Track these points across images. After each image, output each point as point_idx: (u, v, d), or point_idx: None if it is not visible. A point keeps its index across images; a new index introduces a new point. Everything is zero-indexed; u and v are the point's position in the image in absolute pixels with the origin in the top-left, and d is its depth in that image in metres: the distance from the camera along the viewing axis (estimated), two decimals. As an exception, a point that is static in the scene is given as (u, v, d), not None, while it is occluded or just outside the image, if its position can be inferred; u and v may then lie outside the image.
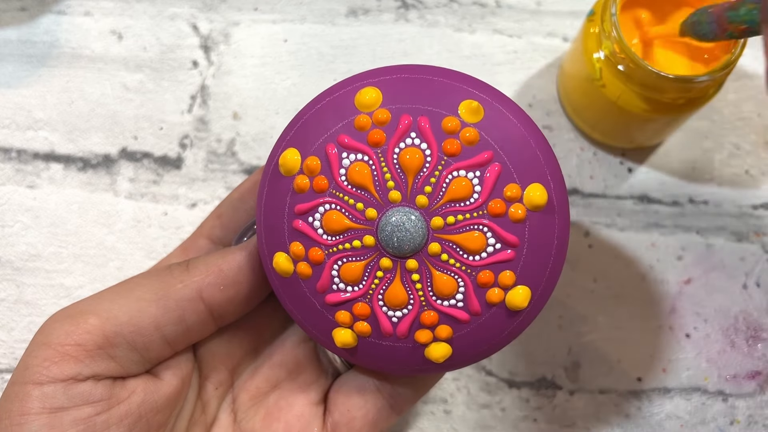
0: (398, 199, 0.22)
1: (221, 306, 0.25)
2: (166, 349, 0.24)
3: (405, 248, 0.22)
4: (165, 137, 0.36)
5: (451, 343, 0.23)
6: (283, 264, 0.23)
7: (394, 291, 0.23)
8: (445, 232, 0.22)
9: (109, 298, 0.24)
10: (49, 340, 0.23)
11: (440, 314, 0.23)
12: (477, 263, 0.22)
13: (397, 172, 0.22)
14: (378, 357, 0.24)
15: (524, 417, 0.34)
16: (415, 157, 0.22)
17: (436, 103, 0.23)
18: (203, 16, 0.37)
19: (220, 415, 0.27)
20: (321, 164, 0.23)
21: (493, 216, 0.22)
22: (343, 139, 0.22)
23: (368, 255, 0.22)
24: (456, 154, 0.22)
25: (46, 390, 0.22)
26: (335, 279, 0.23)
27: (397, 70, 0.24)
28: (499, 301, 0.23)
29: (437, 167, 0.22)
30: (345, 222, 0.22)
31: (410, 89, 0.23)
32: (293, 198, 0.23)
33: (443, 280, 0.22)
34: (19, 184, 0.35)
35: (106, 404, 0.23)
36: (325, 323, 0.24)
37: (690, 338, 0.34)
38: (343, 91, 0.23)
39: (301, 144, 0.23)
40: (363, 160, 0.22)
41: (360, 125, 0.22)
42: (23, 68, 0.37)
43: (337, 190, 0.22)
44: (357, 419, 0.26)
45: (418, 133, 0.22)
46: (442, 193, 0.22)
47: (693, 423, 0.34)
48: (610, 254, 0.35)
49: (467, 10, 0.38)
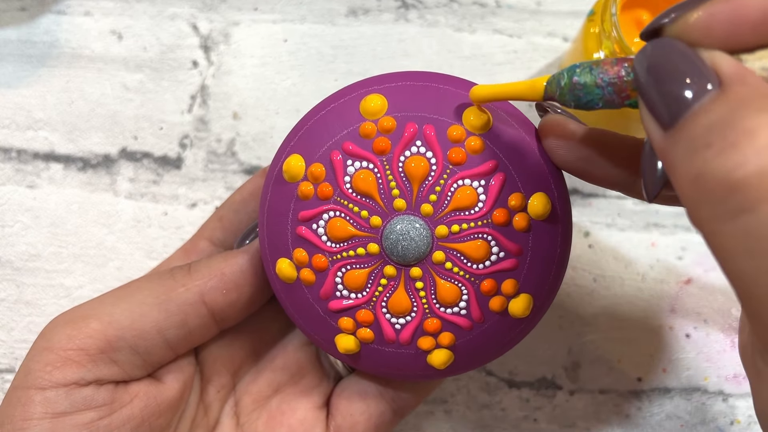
0: (403, 207, 0.22)
1: (223, 309, 0.25)
2: (168, 352, 0.24)
3: (409, 256, 0.22)
4: (165, 137, 0.36)
5: (453, 350, 0.23)
6: (286, 270, 0.23)
7: (398, 298, 0.23)
8: (450, 240, 0.22)
9: (111, 301, 0.24)
10: (51, 345, 0.22)
11: (443, 321, 0.23)
12: (480, 272, 0.22)
13: (402, 180, 0.22)
14: (380, 362, 0.24)
15: (524, 417, 0.34)
16: (420, 166, 0.22)
17: (441, 111, 0.22)
18: (203, 16, 0.37)
19: (222, 419, 0.27)
20: (326, 171, 0.22)
21: (497, 225, 0.22)
22: (348, 146, 0.22)
23: (372, 262, 0.22)
24: (461, 163, 0.22)
25: (49, 395, 0.22)
26: (339, 286, 0.23)
27: (402, 77, 0.23)
28: (501, 309, 0.23)
29: (442, 176, 0.22)
30: (349, 229, 0.22)
31: (415, 97, 0.23)
32: (297, 204, 0.23)
33: (447, 288, 0.22)
34: (19, 184, 0.35)
35: (108, 408, 0.23)
36: (327, 329, 0.24)
37: (690, 338, 0.34)
38: (347, 98, 0.23)
39: (305, 150, 0.23)
40: (368, 168, 0.22)
41: (365, 133, 0.22)
42: (23, 68, 0.37)
43: (341, 197, 0.22)
44: (360, 423, 0.26)
45: (423, 141, 0.22)
46: (447, 201, 0.22)
47: (693, 423, 0.34)
48: (610, 254, 0.35)
49: (467, 10, 0.37)
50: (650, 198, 0.19)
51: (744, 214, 0.14)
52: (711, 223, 0.14)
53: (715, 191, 0.14)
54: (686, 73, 0.15)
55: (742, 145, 0.14)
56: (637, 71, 0.17)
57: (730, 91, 0.15)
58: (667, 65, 0.16)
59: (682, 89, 0.15)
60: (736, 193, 0.14)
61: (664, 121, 0.15)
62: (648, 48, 0.17)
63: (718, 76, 0.15)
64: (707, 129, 0.14)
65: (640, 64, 0.16)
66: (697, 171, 0.14)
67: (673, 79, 0.16)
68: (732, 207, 0.14)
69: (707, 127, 0.14)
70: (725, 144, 0.14)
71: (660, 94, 0.16)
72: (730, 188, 0.14)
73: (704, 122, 0.15)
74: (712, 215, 0.14)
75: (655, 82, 0.16)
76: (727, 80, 0.15)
